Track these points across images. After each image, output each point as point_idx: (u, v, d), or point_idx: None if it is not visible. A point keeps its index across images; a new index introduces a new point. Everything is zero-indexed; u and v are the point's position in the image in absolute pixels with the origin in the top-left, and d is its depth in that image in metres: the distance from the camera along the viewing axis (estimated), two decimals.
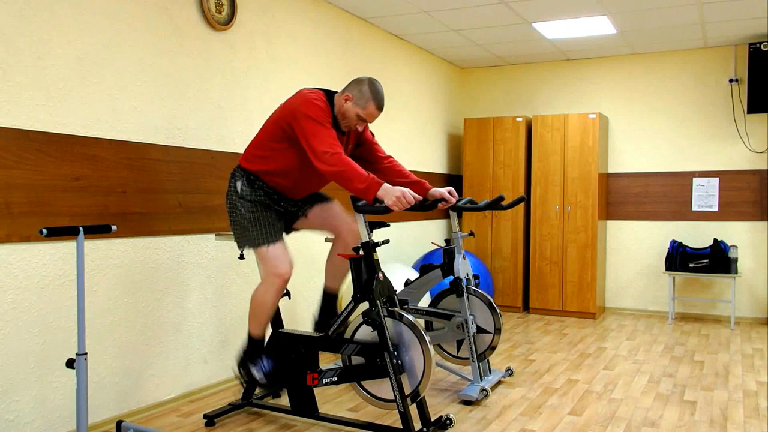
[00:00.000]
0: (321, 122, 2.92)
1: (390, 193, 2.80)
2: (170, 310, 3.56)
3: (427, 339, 2.92)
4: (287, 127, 2.99)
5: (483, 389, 3.65)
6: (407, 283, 3.86)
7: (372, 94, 3.01)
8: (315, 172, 3.13)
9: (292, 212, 3.29)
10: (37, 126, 2.86)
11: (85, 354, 2.52)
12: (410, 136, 6.16)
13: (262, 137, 3.10)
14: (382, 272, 3.06)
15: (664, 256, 6.38)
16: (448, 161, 7.02)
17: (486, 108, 7.27)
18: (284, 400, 3.63)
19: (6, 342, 2.77)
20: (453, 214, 3.85)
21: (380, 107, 3.05)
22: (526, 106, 7.07)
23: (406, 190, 2.84)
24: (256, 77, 4.17)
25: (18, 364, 2.82)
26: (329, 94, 3.09)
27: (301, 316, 4.65)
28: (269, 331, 3.33)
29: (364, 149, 3.38)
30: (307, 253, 4.71)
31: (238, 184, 3.11)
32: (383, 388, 3.05)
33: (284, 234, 3.24)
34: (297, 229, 3.39)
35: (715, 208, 6.25)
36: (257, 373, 3.17)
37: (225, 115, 3.92)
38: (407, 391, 2.95)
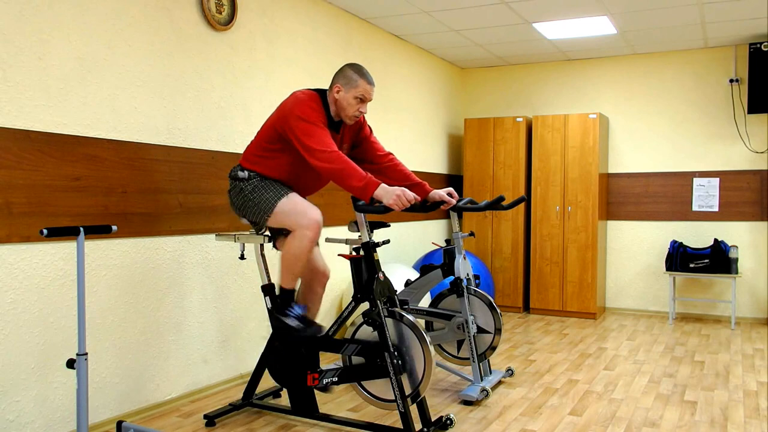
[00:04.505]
0: (313, 122, 2.93)
1: (389, 193, 2.80)
2: (171, 311, 3.56)
3: (428, 339, 2.92)
4: (281, 130, 3.01)
5: (483, 389, 3.65)
6: (408, 284, 3.86)
7: (357, 73, 3.05)
8: (313, 172, 3.13)
9: None
10: (37, 126, 2.86)
11: (86, 354, 2.52)
12: (411, 137, 6.16)
13: (260, 139, 3.12)
14: (383, 272, 3.06)
15: (665, 257, 6.38)
16: (448, 161, 7.02)
17: (486, 108, 7.27)
18: (284, 401, 3.63)
19: (6, 342, 2.77)
20: (453, 215, 3.84)
21: (370, 81, 3.07)
22: (526, 106, 7.07)
23: (406, 189, 2.84)
24: (256, 77, 4.17)
25: (18, 364, 2.82)
26: (322, 94, 3.10)
27: None
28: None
29: (362, 148, 3.37)
30: None
31: (239, 173, 3.13)
32: (384, 388, 3.05)
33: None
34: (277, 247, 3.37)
35: (716, 209, 6.25)
36: (292, 321, 3.10)
37: (225, 115, 3.92)
38: (408, 391, 2.95)
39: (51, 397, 2.95)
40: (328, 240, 3.66)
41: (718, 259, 5.91)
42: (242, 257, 3.42)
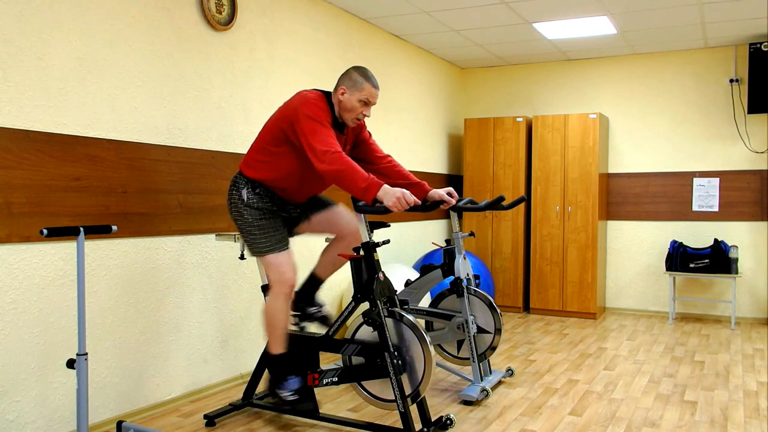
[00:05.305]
0: (320, 122, 2.92)
1: (390, 195, 2.79)
2: (171, 311, 3.56)
3: (428, 339, 2.92)
4: (287, 128, 2.99)
5: (483, 389, 3.65)
6: (408, 284, 3.86)
7: (362, 76, 3.05)
8: (316, 174, 3.13)
9: (295, 217, 3.29)
10: (37, 126, 2.86)
11: (86, 354, 2.52)
12: (411, 137, 6.16)
13: (262, 141, 3.10)
14: (383, 272, 3.06)
15: (665, 257, 6.38)
16: (448, 161, 7.02)
17: (486, 108, 7.27)
18: None
19: (6, 342, 2.77)
20: (453, 215, 3.84)
21: (375, 85, 3.07)
22: (526, 106, 7.07)
23: (406, 191, 2.84)
24: (256, 77, 4.17)
25: (18, 364, 2.82)
26: (328, 95, 3.10)
27: None
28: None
29: (361, 150, 3.37)
30: (308, 254, 4.71)
31: (244, 193, 3.10)
32: (384, 388, 3.04)
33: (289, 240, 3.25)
34: (299, 233, 3.38)
35: (716, 209, 6.25)
36: (287, 393, 3.13)
37: (225, 115, 3.92)
38: (408, 391, 2.95)
39: (51, 397, 2.95)
40: (328, 240, 3.66)
41: (718, 259, 5.91)
42: (242, 257, 3.42)
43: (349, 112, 3.07)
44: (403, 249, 6.05)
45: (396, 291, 3.19)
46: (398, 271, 4.88)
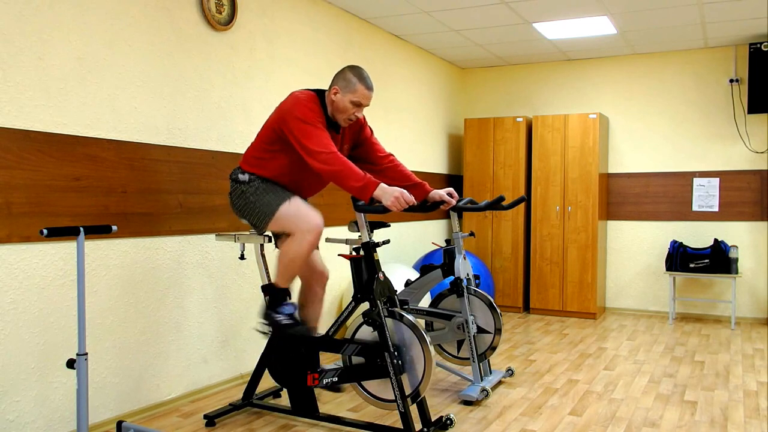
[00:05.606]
0: (311, 123, 2.92)
1: (388, 194, 2.80)
2: (171, 311, 3.56)
3: (428, 339, 2.92)
4: (279, 131, 3.01)
5: (483, 389, 3.65)
6: (408, 284, 3.86)
7: (356, 77, 3.03)
8: (313, 173, 3.13)
9: None
10: (37, 126, 2.86)
11: (86, 354, 2.52)
12: (411, 137, 6.16)
13: (260, 140, 3.12)
14: (383, 272, 3.06)
15: (665, 257, 6.38)
16: (448, 161, 7.02)
17: (486, 108, 7.27)
18: (284, 401, 3.63)
19: (6, 342, 2.77)
20: (453, 215, 3.84)
21: (369, 87, 3.05)
22: (526, 106, 7.07)
23: (404, 191, 2.84)
24: (256, 77, 4.17)
25: (18, 364, 2.82)
26: (321, 94, 3.09)
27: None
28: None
29: (363, 149, 3.37)
30: None
31: (240, 176, 3.13)
32: (384, 388, 3.05)
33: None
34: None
35: (716, 209, 6.25)
36: (281, 316, 3.09)
37: (225, 115, 3.92)
38: (408, 391, 2.96)
39: (51, 397, 2.95)
40: (328, 240, 3.66)
41: (718, 259, 5.91)
42: (242, 257, 3.42)
43: (341, 113, 3.07)
44: (403, 249, 6.05)
45: (396, 291, 3.19)
46: (398, 271, 4.88)
